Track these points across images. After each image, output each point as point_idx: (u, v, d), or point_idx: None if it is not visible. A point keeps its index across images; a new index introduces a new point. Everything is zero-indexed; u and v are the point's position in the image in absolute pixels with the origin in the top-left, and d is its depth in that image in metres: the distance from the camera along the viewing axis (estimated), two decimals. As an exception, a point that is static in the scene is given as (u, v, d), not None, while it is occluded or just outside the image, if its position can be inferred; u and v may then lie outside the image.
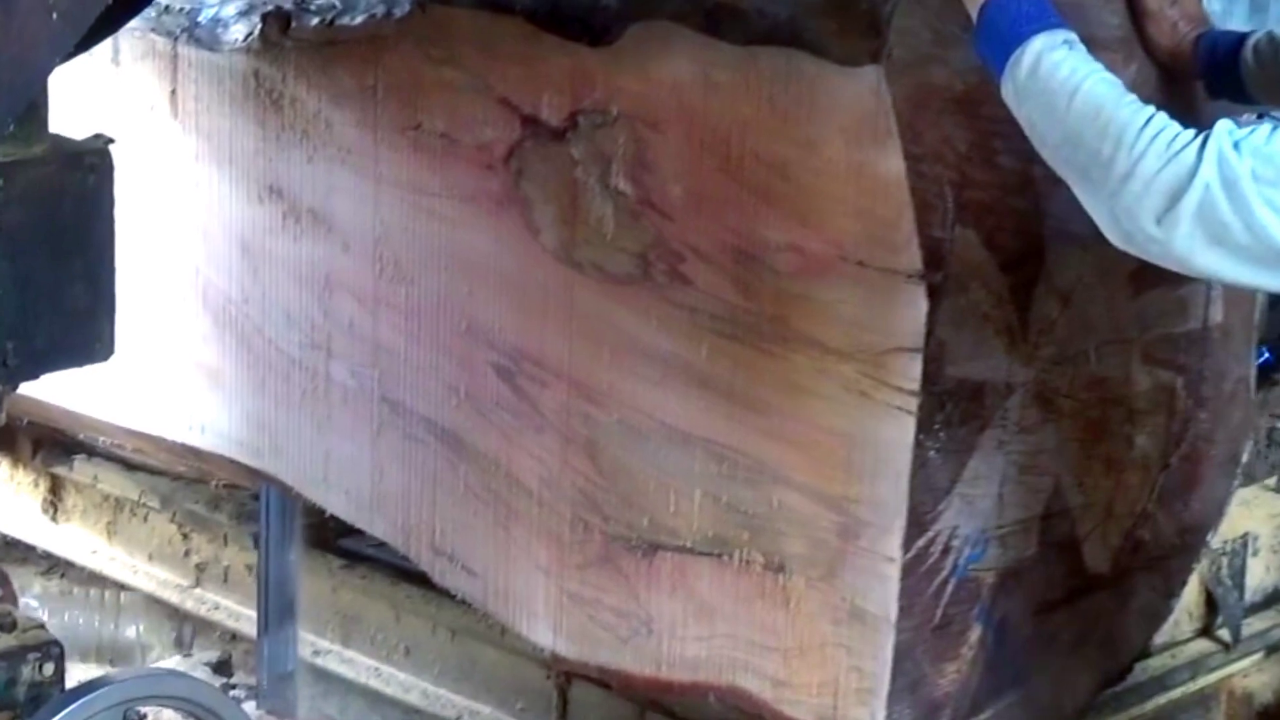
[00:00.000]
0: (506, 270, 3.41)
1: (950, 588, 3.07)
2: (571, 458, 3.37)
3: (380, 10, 3.48)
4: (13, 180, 2.39)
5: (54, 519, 5.10)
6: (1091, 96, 2.64)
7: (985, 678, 3.19)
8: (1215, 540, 3.75)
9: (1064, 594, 3.29)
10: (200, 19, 3.69)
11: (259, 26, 3.60)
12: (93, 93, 3.84)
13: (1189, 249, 2.56)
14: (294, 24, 3.58)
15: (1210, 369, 3.42)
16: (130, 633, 4.67)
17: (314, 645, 4.49)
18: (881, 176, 2.91)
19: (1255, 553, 3.88)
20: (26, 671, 2.51)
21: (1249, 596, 3.89)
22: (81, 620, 4.77)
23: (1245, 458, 3.57)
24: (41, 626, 2.59)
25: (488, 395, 3.48)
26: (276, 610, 4.09)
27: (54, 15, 2.20)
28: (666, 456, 3.24)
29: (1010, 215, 3.03)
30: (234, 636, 4.63)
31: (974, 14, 2.78)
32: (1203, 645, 3.81)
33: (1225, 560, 3.80)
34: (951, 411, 2.98)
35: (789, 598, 3.13)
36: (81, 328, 2.51)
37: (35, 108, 2.46)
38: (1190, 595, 3.75)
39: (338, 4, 3.57)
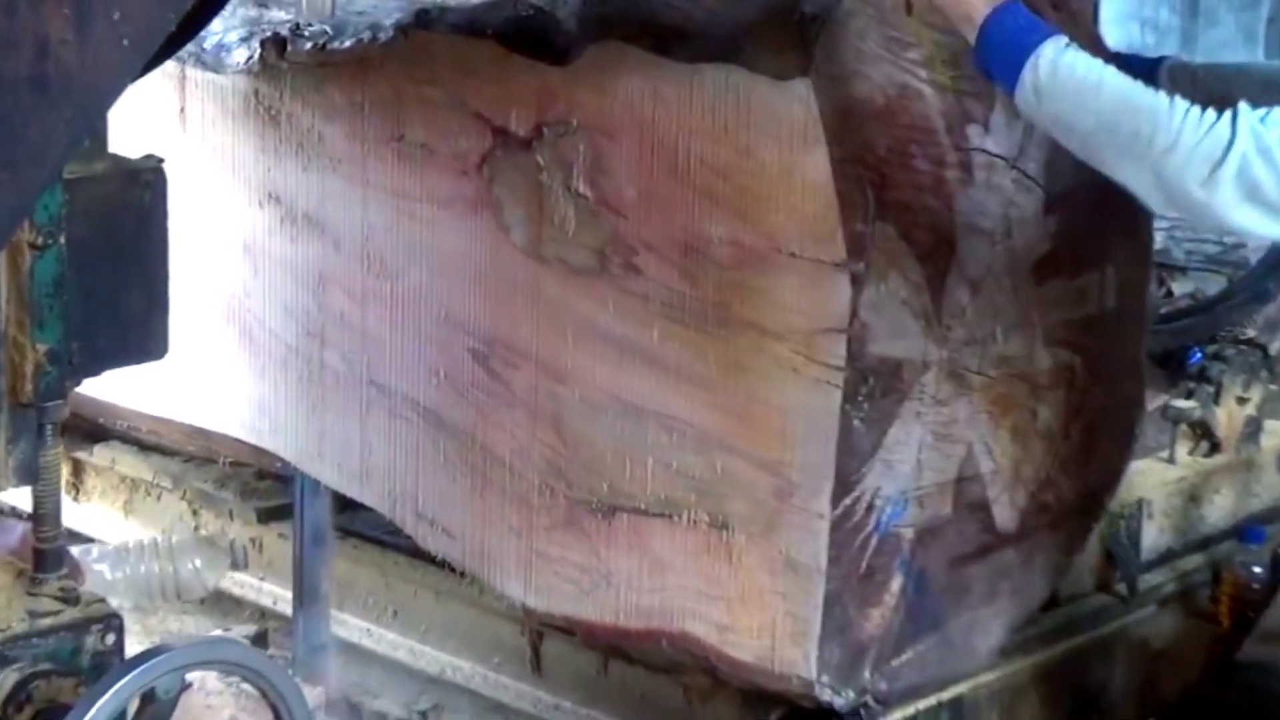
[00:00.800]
0: (480, 265, 3.45)
1: (874, 542, 3.13)
2: (539, 431, 3.41)
3: (367, 36, 3.51)
4: (77, 196, 2.38)
5: (76, 499, 5.11)
6: (1116, 86, 2.81)
7: (906, 622, 3.25)
8: (1115, 505, 3.83)
9: (976, 549, 3.35)
10: (206, 44, 3.70)
11: (258, 50, 3.61)
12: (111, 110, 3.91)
13: (1227, 207, 2.75)
14: (290, 48, 3.60)
15: (1106, 350, 3.49)
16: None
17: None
18: (810, 178, 2.97)
19: (1150, 517, 3.93)
20: (90, 641, 2.48)
21: (1144, 555, 3.93)
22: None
23: (1138, 432, 3.67)
24: (103, 600, 2.56)
25: (464, 377, 3.52)
26: (310, 588, 4.02)
27: (125, 42, 2.16)
28: (623, 428, 3.28)
29: (925, 212, 3.10)
30: (238, 602, 4.66)
31: (971, 36, 2.89)
32: (1103, 599, 3.84)
33: (1123, 523, 3.84)
34: (874, 385, 3.05)
35: (731, 552, 3.17)
36: (138, 329, 2.51)
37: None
38: (1092, 554, 3.81)
39: (329, 30, 3.60)
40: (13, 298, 2.34)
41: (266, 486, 4.69)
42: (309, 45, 3.60)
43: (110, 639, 2.49)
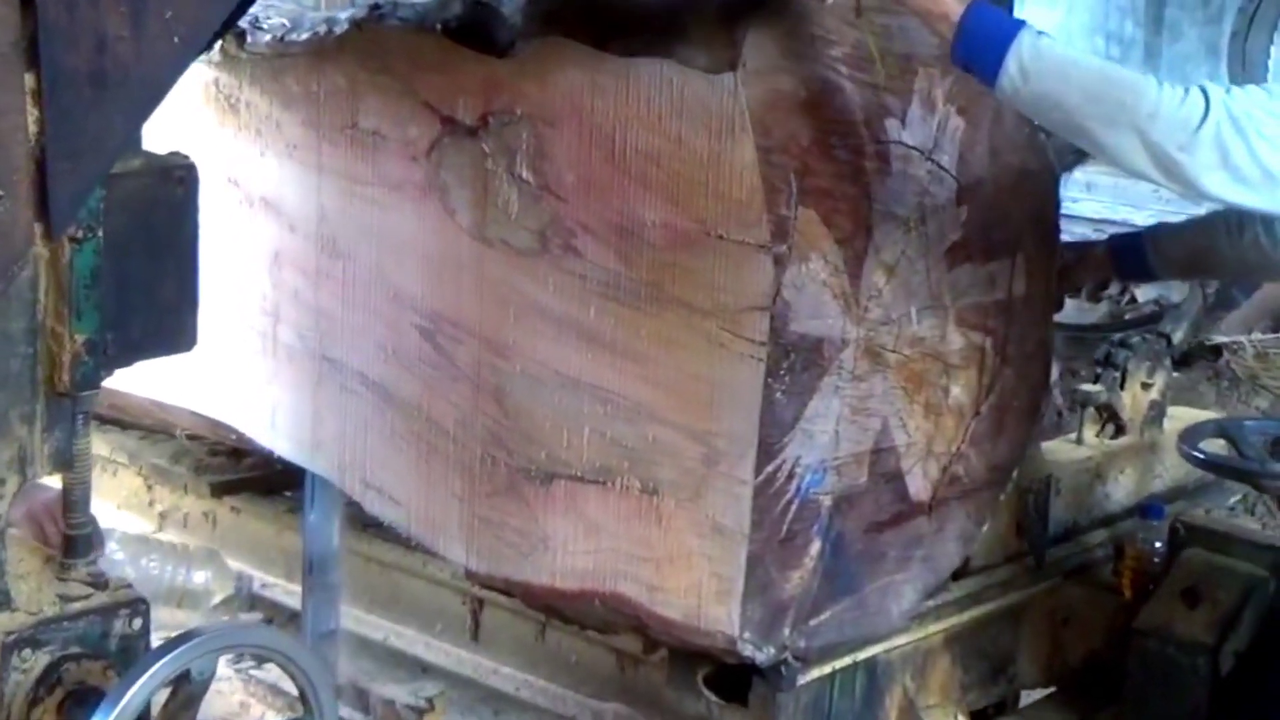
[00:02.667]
0: (428, 246, 3.56)
1: (795, 507, 3.25)
2: (482, 403, 3.52)
3: (323, 29, 3.64)
4: (114, 190, 2.38)
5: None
6: (1094, 63, 3.09)
7: (824, 585, 3.36)
8: (1024, 481, 3.98)
9: (891, 517, 3.47)
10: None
11: (219, 42, 3.64)
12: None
13: (1202, 171, 2.96)
14: (249, 40, 3.70)
15: (1015, 333, 3.63)
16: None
17: (262, 580, 4.63)
18: (737, 165, 3.10)
19: (1058, 493, 4.05)
20: (118, 625, 2.49)
21: (1052, 529, 4.05)
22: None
23: (1045, 411, 3.82)
24: (129, 586, 2.55)
25: (411, 352, 3.62)
26: (319, 580, 4.05)
27: (176, 38, 2.24)
28: (561, 400, 3.39)
29: (844, 199, 3.22)
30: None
31: (948, 32, 3.07)
32: (1012, 569, 3.95)
33: (1032, 498, 3.96)
34: (795, 361, 3.17)
35: (661, 516, 3.29)
36: (170, 321, 2.51)
37: None
38: (1003, 526, 3.95)
39: (287, 23, 3.71)
40: (52, 289, 2.35)
41: (220, 462, 4.80)
42: (268, 38, 3.73)
43: (137, 623, 2.50)
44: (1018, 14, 3.43)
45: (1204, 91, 2.96)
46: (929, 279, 3.43)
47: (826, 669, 3.54)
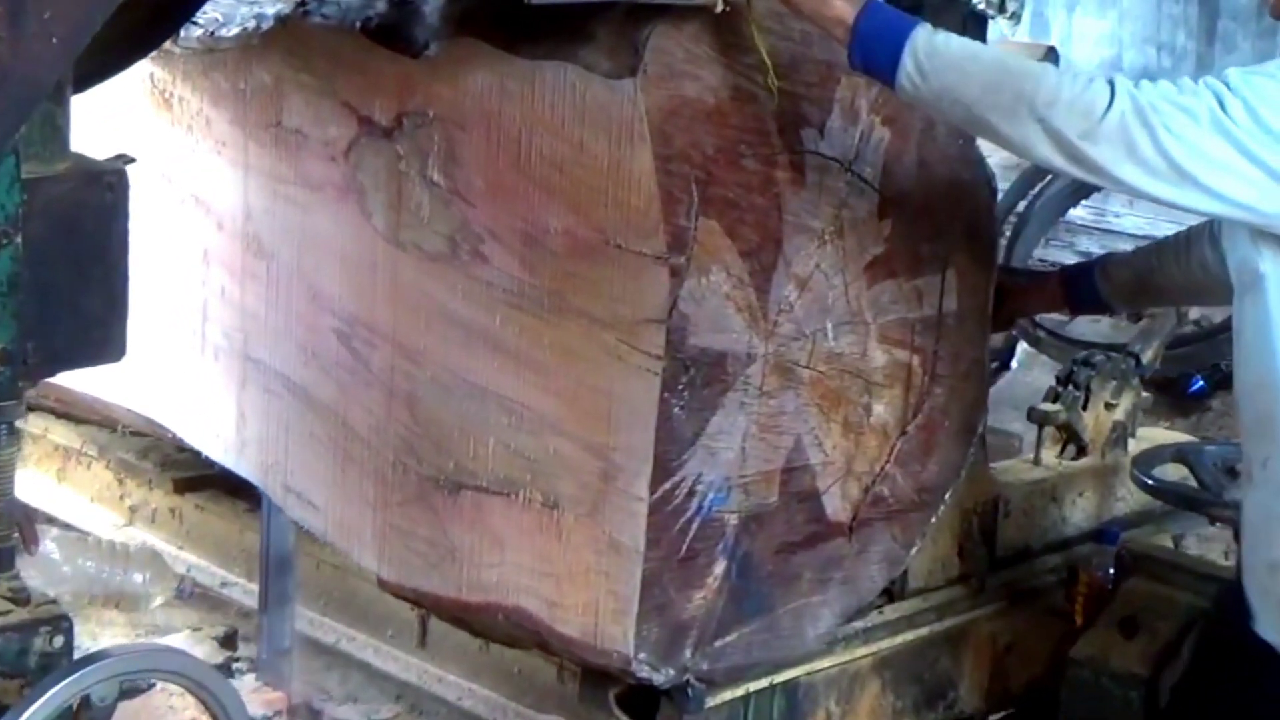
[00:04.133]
0: (345, 248, 3.52)
1: (695, 526, 3.17)
2: (394, 409, 3.47)
3: (251, 25, 3.57)
4: (35, 195, 2.34)
5: None
6: (990, 54, 3.01)
7: (730, 605, 3.28)
8: (969, 502, 3.89)
9: (805, 538, 3.37)
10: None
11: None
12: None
13: (1109, 162, 2.87)
14: (182, 33, 3.58)
15: (945, 350, 3.53)
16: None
17: (223, 578, 4.61)
18: (635, 173, 3.02)
19: (1007, 515, 3.95)
20: (38, 643, 2.44)
21: (1000, 552, 3.95)
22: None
23: (981, 431, 3.71)
24: (53, 602, 2.52)
25: (329, 355, 3.58)
26: (276, 590, 4.03)
27: (54, 39, 2.20)
28: (468, 409, 3.33)
29: (752, 210, 3.14)
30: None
31: (842, 35, 3.00)
32: (952, 592, 3.85)
33: (975, 519, 3.87)
34: (694, 375, 3.09)
35: (561, 531, 3.22)
36: (96, 331, 2.47)
37: (57, 129, 2.44)
38: (944, 548, 3.86)
39: (219, 18, 3.68)
40: (-37, 297, 2.27)
41: (186, 458, 4.78)
42: (200, 32, 3.58)
43: (59, 641, 2.47)
44: (1068, 24, 3.37)
45: (1110, 82, 2.87)
46: (847, 294, 3.35)
47: (739, 691, 3.46)
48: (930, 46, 2.95)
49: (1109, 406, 4.22)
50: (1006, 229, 7.06)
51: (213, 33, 3.64)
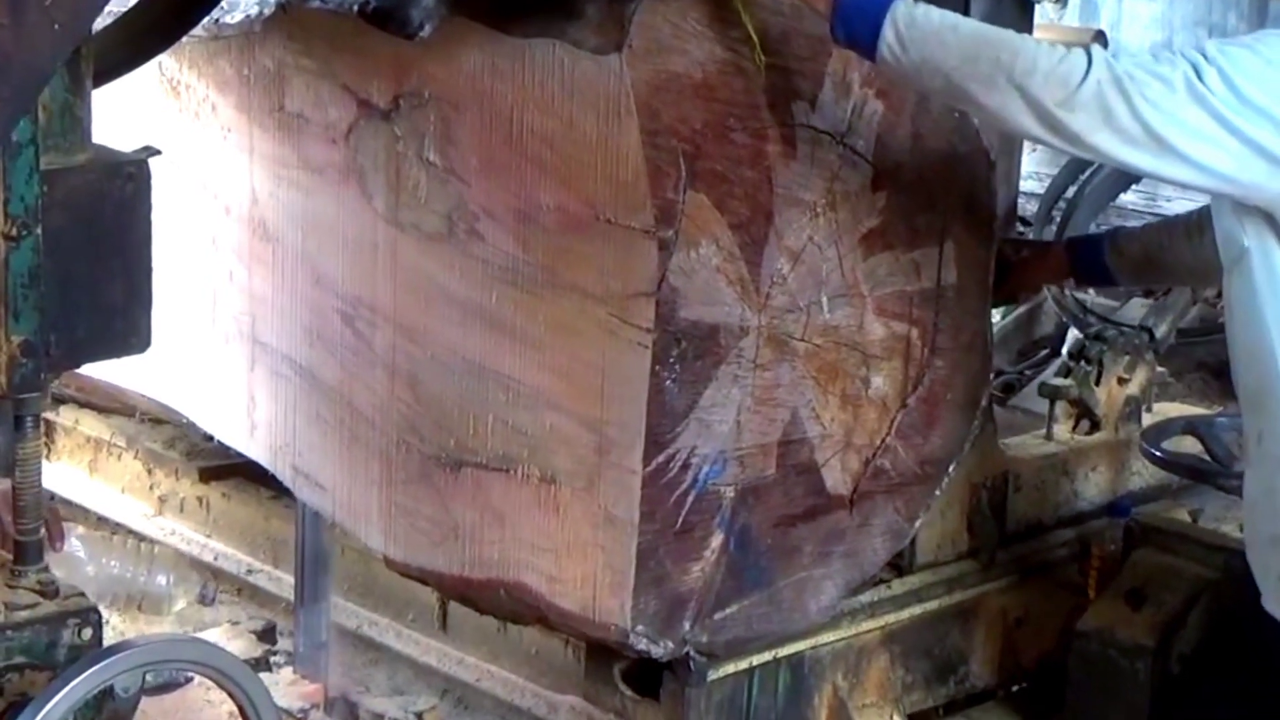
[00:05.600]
0: (347, 230, 3.54)
1: (691, 498, 3.18)
2: (397, 389, 3.49)
3: (254, 11, 3.62)
4: (55, 187, 2.34)
5: (48, 459, 5.25)
6: (969, 25, 3.00)
7: (729, 578, 3.29)
8: (979, 477, 3.89)
9: (804, 511, 3.38)
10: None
11: None
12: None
13: (1086, 129, 2.87)
14: None
15: (946, 323, 3.53)
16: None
17: (249, 565, 4.67)
18: (623, 147, 3.04)
19: (1018, 489, 3.95)
20: (66, 635, 2.44)
21: (1011, 526, 3.96)
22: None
23: (985, 404, 3.70)
24: (81, 594, 2.51)
25: (334, 336, 3.61)
26: (312, 583, 4.03)
27: (55, 26, 2.22)
28: (467, 386, 3.35)
29: (742, 183, 3.15)
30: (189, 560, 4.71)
31: (825, 9, 3.03)
32: (961, 566, 3.85)
33: (985, 494, 3.86)
34: (686, 348, 3.10)
35: (559, 505, 3.24)
36: (119, 321, 2.46)
37: (77, 120, 2.43)
38: (953, 522, 3.86)
39: (224, 5, 3.70)
40: (-15, 289, 2.27)
41: (212, 447, 4.80)
42: (205, 19, 3.71)
43: (87, 633, 2.46)
44: (1118, 8, 3.39)
45: (1087, 51, 2.87)
46: (842, 266, 3.35)
47: (743, 664, 3.48)
48: (910, 18, 2.96)
49: (1122, 381, 4.21)
50: (1056, 214, 7.01)
51: (218, 20, 3.71)
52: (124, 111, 3.92)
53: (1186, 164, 2.88)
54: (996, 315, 5.74)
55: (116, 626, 4.40)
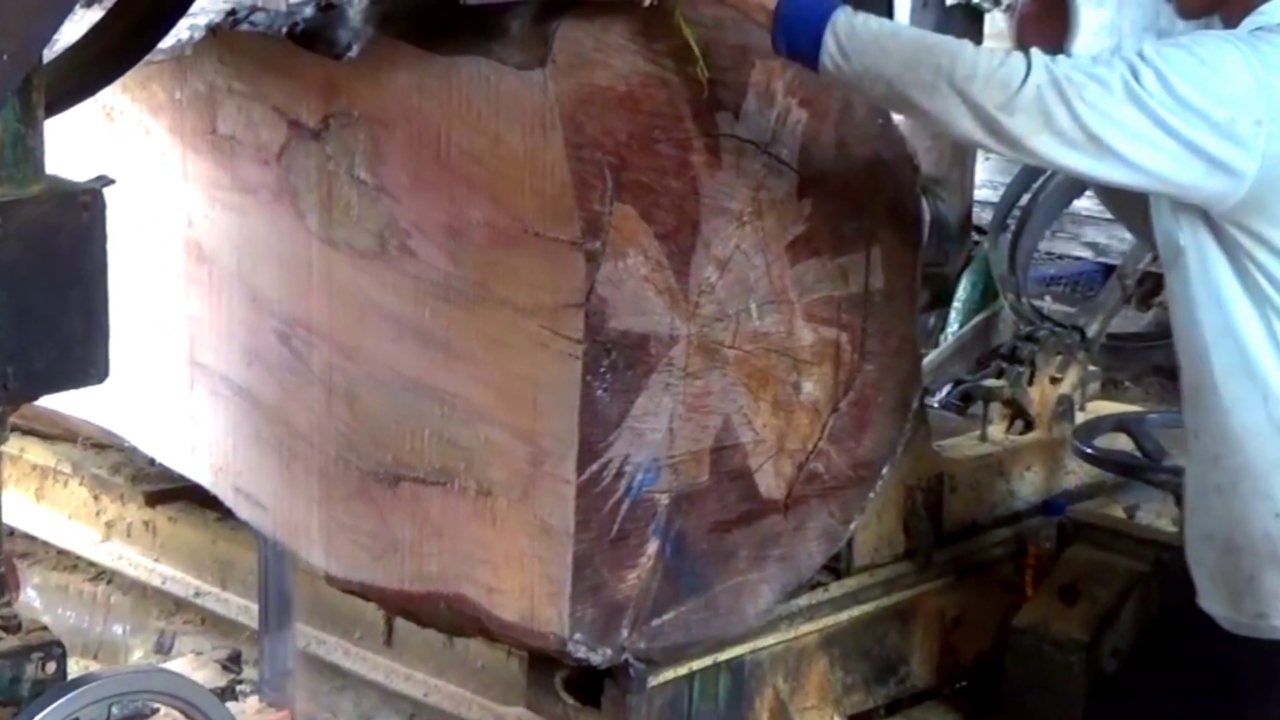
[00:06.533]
0: (281, 250, 3.56)
1: (625, 506, 3.20)
2: (334, 406, 3.51)
3: (185, 35, 3.63)
4: (10, 218, 2.33)
5: None
6: (909, 32, 3.07)
7: (666, 585, 3.31)
8: (913, 478, 3.93)
9: (739, 516, 3.40)
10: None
11: None
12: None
13: (1026, 132, 2.89)
14: None
15: (874, 327, 3.55)
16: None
17: (197, 588, 4.69)
18: (548, 161, 3.06)
19: (953, 490, 3.99)
20: (30, 669, 2.43)
21: (947, 527, 3.99)
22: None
23: (915, 406, 3.73)
24: (45, 628, 2.50)
25: (271, 356, 3.61)
26: (276, 611, 4.01)
27: (4, 57, 2.24)
28: (403, 402, 3.37)
29: (668, 194, 3.18)
30: (144, 588, 4.73)
31: (765, 21, 3.05)
32: (898, 568, 3.88)
33: (920, 495, 3.90)
34: (617, 358, 3.12)
35: (495, 517, 3.26)
36: (77, 353, 2.46)
37: (30, 151, 2.44)
38: (890, 524, 3.90)
39: (158, 28, 3.76)
40: (-59, 322, 2.24)
41: (157, 471, 4.81)
42: None
43: (52, 667, 2.45)
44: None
45: (1026, 56, 2.90)
46: (769, 273, 3.38)
47: (683, 670, 3.50)
48: (850, 27, 2.98)
49: (1054, 381, 4.26)
50: (1011, 222, 7.07)
51: (149, 45, 3.70)
52: (59, 138, 3.97)
53: (1125, 165, 2.91)
54: (954, 324, 5.83)
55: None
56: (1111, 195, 3.46)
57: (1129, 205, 3.38)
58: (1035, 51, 2.93)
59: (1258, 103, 2.89)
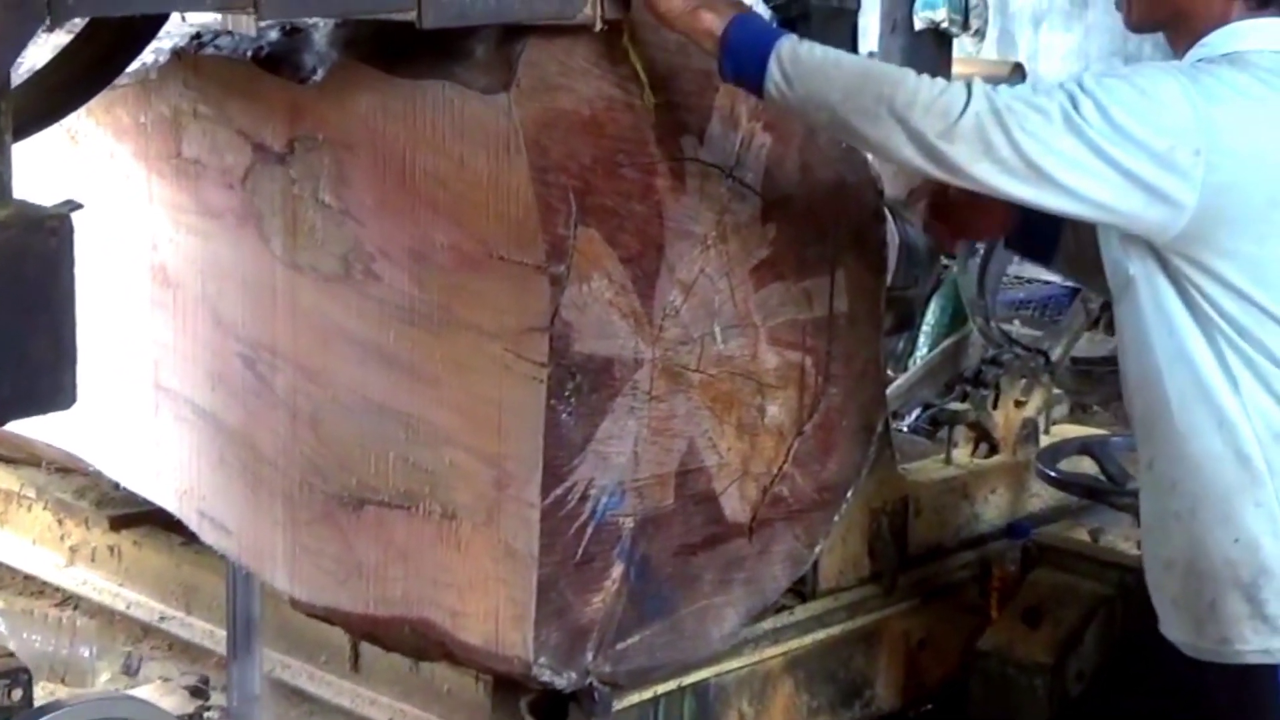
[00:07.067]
0: (246, 274, 3.55)
1: (590, 530, 3.20)
2: (299, 430, 3.50)
3: (150, 58, 3.64)
4: None
5: None
6: (851, 60, 3.05)
7: (631, 608, 3.31)
8: (878, 501, 3.94)
9: (704, 539, 3.41)
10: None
11: None
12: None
13: (967, 160, 2.91)
14: None
15: (839, 350, 3.56)
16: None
17: (162, 613, 4.67)
18: (513, 185, 3.06)
19: (918, 514, 4.00)
20: None
21: (912, 550, 4.00)
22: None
23: (880, 429, 3.74)
24: (11, 654, 2.51)
25: (236, 380, 3.60)
26: (244, 637, 3.98)
27: None
28: (368, 426, 3.36)
29: (632, 218, 3.18)
30: (109, 612, 4.74)
31: (712, 47, 3.06)
32: (864, 591, 3.90)
33: (885, 519, 3.91)
34: (581, 381, 3.12)
35: (460, 541, 3.25)
36: (45, 378, 2.42)
37: None
38: (854, 548, 3.91)
39: (124, 52, 3.75)
40: (-95, 345, 2.21)
41: (121, 496, 4.80)
42: None
43: (17, 694, 2.46)
44: (1035, 40, 3.43)
45: (967, 84, 2.92)
46: (734, 297, 3.38)
47: (648, 694, 3.51)
48: (794, 55, 3.01)
49: (1019, 404, 4.27)
50: (980, 247, 7.09)
51: (114, 68, 3.70)
52: (23, 162, 3.96)
53: (1065, 194, 2.92)
54: (923, 348, 5.84)
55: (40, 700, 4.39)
56: (1068, 261, 3.49)
57: (1085, 270, 3.40)
58: (976, 80, 2.95)
59: (1197, 133, 2.90)
